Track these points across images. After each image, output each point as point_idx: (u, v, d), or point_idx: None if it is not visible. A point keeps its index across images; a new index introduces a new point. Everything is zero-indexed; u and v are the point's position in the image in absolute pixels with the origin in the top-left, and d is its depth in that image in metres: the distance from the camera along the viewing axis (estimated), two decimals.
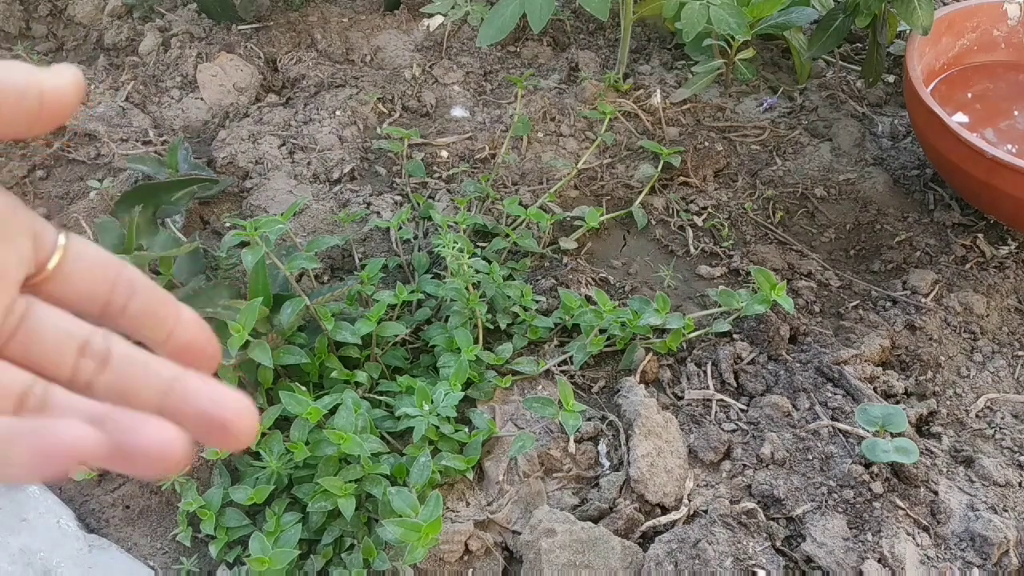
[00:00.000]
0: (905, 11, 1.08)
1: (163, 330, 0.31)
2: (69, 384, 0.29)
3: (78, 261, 0.30)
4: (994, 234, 1.11)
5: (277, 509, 0.80)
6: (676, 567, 0.74)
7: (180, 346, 0.31)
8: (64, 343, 0.29)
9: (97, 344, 0.29)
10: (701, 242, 1.13)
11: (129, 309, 0.30)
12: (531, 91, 1.31)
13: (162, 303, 0.31)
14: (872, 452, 0.80)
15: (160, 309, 0.31)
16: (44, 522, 0.83)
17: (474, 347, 0.89)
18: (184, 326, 0.31)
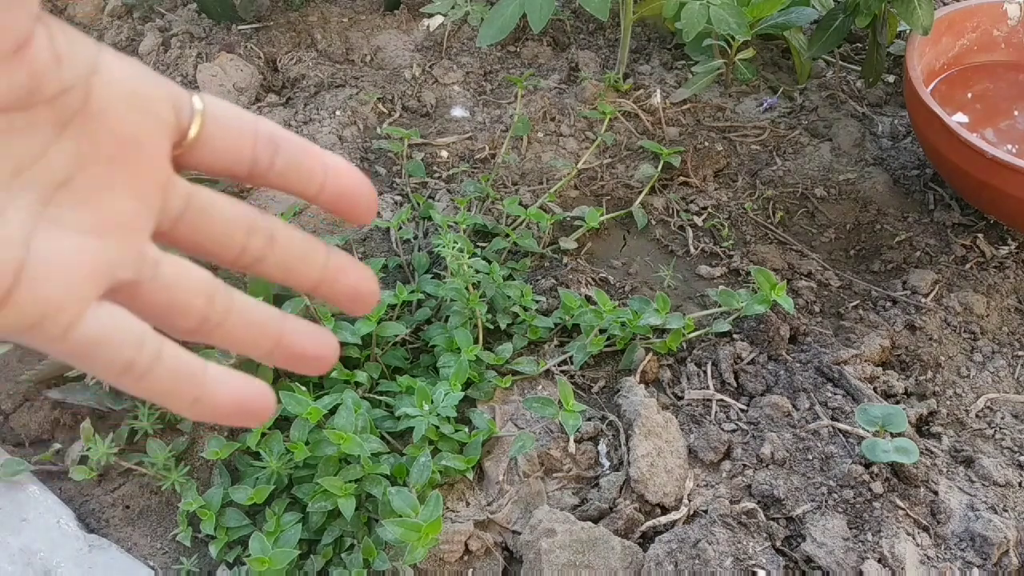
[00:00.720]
0: (905, 11, 1.08)
1: (314, 182, 0.30)
2: (236, 261, 0.29)
3: (217, 123, 0.28)
4: (994, 234, 1.11)
5: (277, 509, 0.80)
6: (676, 567, 0.74)
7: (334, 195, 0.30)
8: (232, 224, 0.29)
9: (262, 224, 0.29)
10: (701, 242, 1.13)
11: (276, 166, 0.29)
12: (531, 91, 1.31)
13: (308, 154, 0.30)
14: (872, 452, 0.80)
15: (307, 160, 0.30)
16: (44, 522, 0.83)
17: (474, 347, 0.89)
18: (334, 175, 0.30)
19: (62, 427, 0.93)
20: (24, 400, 0.94)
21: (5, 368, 0.96)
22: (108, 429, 0.91)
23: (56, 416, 0.93)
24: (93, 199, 0.26)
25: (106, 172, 0.26)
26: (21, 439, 0.92)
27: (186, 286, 0.28)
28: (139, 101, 0.27)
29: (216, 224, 0.29)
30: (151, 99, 0.27)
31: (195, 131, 0.28)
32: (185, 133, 0.28)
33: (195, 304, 0.28)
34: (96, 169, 0.26)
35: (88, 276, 0.25)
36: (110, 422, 0.92)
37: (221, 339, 0.29)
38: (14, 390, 0.94)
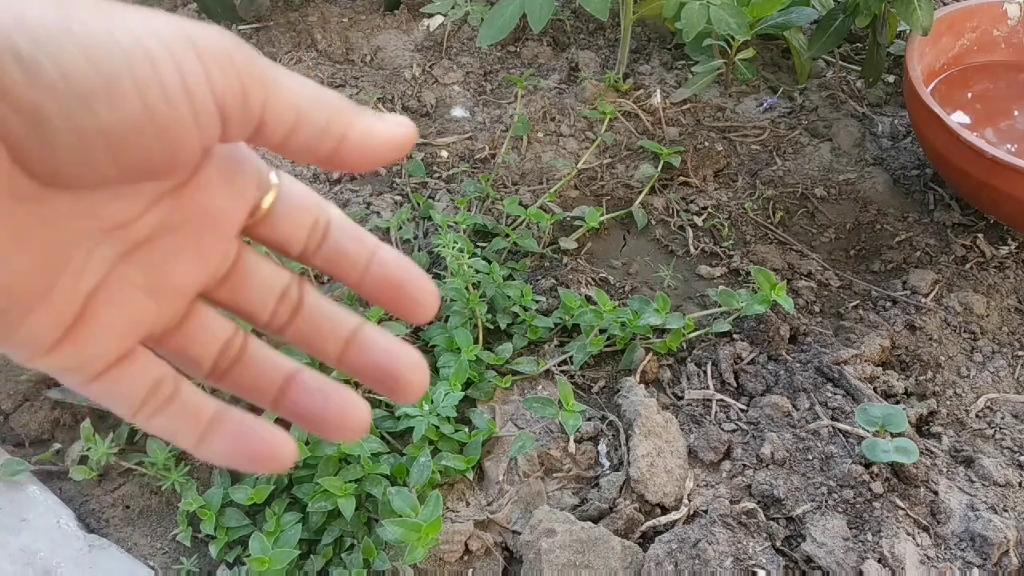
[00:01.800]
0: (905, 11, 1.08)
1: (356, 270, 0.30)
2: (265, 327, 0.30)
3: (288, 201, 0.29)
4: (994, 234, 1.11)
5: (277, 509, 0.80)
6: (676, 567, 0.74)
7: (376, 285, 0.30)
8: (268, 291, 0.30)
9: (292, 292, 0.30)
10: (701, 242, 1.13)
11: (323, 250, 0.30)
12: (531, 91, 1.31)
13: (360, 242, 0.30)
14: (872, 452, 0.80)
15: (356, 248, 0.30)
16: (44, 522, 0.83)
17: (474, 347, 0.89)
18: (380, 265, 0.30)
19: (62, 427, 0.93)
20: (24, 400, 0.94)
21: (5, 368, 0.97)
22: (108, 429, 0.91)
23: (56, 416, 0.93)
24: (162, 263, 0.27)
25: (182, 240, 0.27)
26: (21, 439, 0.92)
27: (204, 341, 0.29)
28: (233, 180, 0.28)
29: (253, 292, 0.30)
30: (243, 178, 0.28)
31: (267, 204, 0.29)
32: (258, 207, 0.29)
33: (208, 356, 0.29)
34: (175, 236, 0.27)
35: (130, 335, 0.27)
36: (110, 422, 0.92)
37: (229, 386, 0.30)
38: (14, 390, 0.94)
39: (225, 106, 0.24)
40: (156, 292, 0.27)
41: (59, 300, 0.25)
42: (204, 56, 0.23)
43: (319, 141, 0.26)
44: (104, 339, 0.26)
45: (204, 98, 0.23)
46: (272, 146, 0.26)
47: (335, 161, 0.27)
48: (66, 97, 0.21)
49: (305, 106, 0.26)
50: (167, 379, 0.28)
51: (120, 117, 0.22)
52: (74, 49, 0.21)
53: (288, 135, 0.26)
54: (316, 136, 0.26)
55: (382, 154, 0.28)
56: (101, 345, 0.26)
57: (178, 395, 0.28)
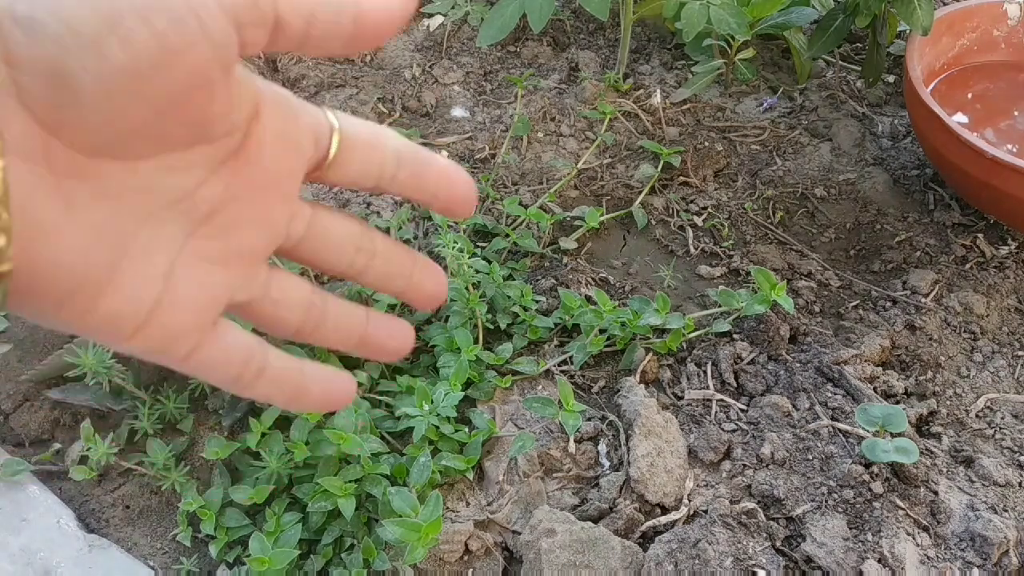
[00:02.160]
0: (905, 11, 1.08)
1: (429, 192, 0.32)
2: (345, 273, 0.32)
3: (353, 143, 0.30)
4: (994, 234, 1.11)
5: (277, 509, 0.80)
6: (676, 567, 0.74)
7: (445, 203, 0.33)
8: (344, 244, 0.31)
9: (366, 243, 0.32)
10: (701, 242, 1.13)
11: (398, 178, 0.31)
12: (531, 91, 1.31)
13: (426, 164, 0.32)
14: (872, 452, 0.80)
15: (425, 171, 0.32)
16: (44, 522, 0.83)
17: (474, 347, 0.89)
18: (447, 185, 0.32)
19: (62, 427, 0.93)
20: (24, 400, 0.94)
21: (5, 368, 0.96)
22: (108, 429, 0.91)
23: (56, 416, 0.93)
24: (229, 232, 0.27)
25: (245, 207, 0.28)
26: (21, 439, 0.92)
27: (288, 303, 0.30)
28: (288, 139, 0.28)
29: (331, 245, 0.31)
30: (298, 135, 0.28)
31: (333, 154, 0.29)
32: (324, 158, 0.29)
33: (294, 318, 0.31)
34: (237, 204, 0.27)
35: (212, 305, 0.28)
36: (110, 422, 0.92)
37: (316, 340, 0.32)
38: (14, 390, 0.94)
39: (236, 15, 0.23)
40: (226, 261, 0.28)
41: (136, 282, 0.25)
42: None
43: (338, 23, 0.26)
44: (183, 319, 0.26)
45: (212, 13, 0.22)
46: (295, 43, 0.26)
47: (357, 40, 0.27)
48: (75, 47, 0.21)
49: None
50: (255, 352, 0.29)
51: (133, 54, 0.21)
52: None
53: (308, 24, 0.25)
54: (334, 19, 0.26)
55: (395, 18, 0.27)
56: (182, 324, 0.27)
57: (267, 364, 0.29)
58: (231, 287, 0.28)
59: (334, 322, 0.32)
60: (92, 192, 0.23)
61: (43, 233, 0.22)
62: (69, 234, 0.23)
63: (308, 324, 0.31)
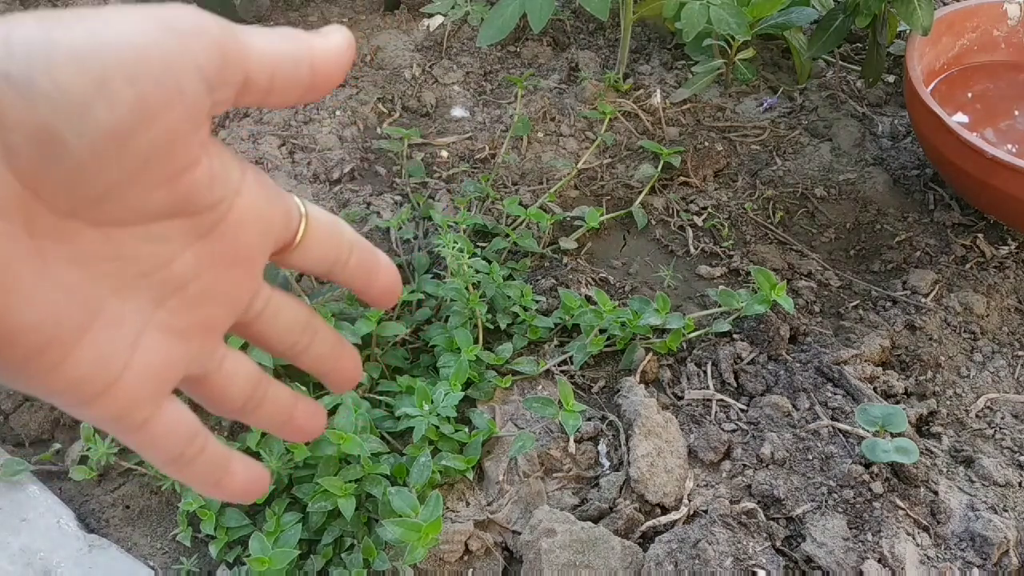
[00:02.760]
0: (905, 11, 1.08)
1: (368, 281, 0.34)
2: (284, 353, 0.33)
3: (317, 229, 0.31)
4: (994, 234, 1.11)
5: (277, 509, 0.80)
6: (676, 567, 0.74)
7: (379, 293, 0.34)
8: (293, 327, 0.33)
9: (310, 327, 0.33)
10: (701, 242, 1.13)
11: (349, 267, 0.33)
12: (531, 91, 1.31)
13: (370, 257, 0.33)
14: (872, 452, 0.80)
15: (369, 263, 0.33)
16: (44, 522, 0.83)
17: (474, 347, 0.89)
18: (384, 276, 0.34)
19: (62, 427, 0.93)
20: (24, 400, 0.94)
21: None
22: None
23: (56, 416, 0.93)
24: (196, 306, 0.28)
25: (214, 281, 0.28)
26: (21, 439, 0.92)
27: (238, 379, 0.31)
28: (264, 221, 0.29)
29: (282, 325, 0.32)
30: (274, 218, 0.29)
31: (299, 237, 0.31)
32: (290, 242, 0.31)
33: (241, 394, 0.32)
34: (208, 279, 0.28)
35: (171, 376, 0.28)
36: None
37: (254, 419, 0.33)
38: (14, 390, 0.94)
39: (208, 76, 0.24)
40: (189, 335, 0.28)
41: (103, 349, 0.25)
42: (182, 35, 0.23)
43: (297, 74, 0.27)
44: (142, 390, 0.27)
45: (188, 74, 0.23)
46: (259, 97, 0.27)
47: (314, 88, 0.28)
48: (65, 108, 0.21)
49: (278, 48, 0.26)
50: (199, 431, 0.30)
51: (118, 115, 0.22)
52: (62, 58, 0.21)
53: (270, 82, 0.26)
54: (293, 71, 0.27)
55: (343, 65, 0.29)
56: (142, 394, 0.27)
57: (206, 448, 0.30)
58: (190, 360, 0.29)
59: (272, 401, 0.33)
60: (67, 256, 0.24)
61: (17, 292, 0.23)
62: (41, 294, 0.23)
63: (252, 401, 0.32)
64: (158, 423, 0.28)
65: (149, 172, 0.24)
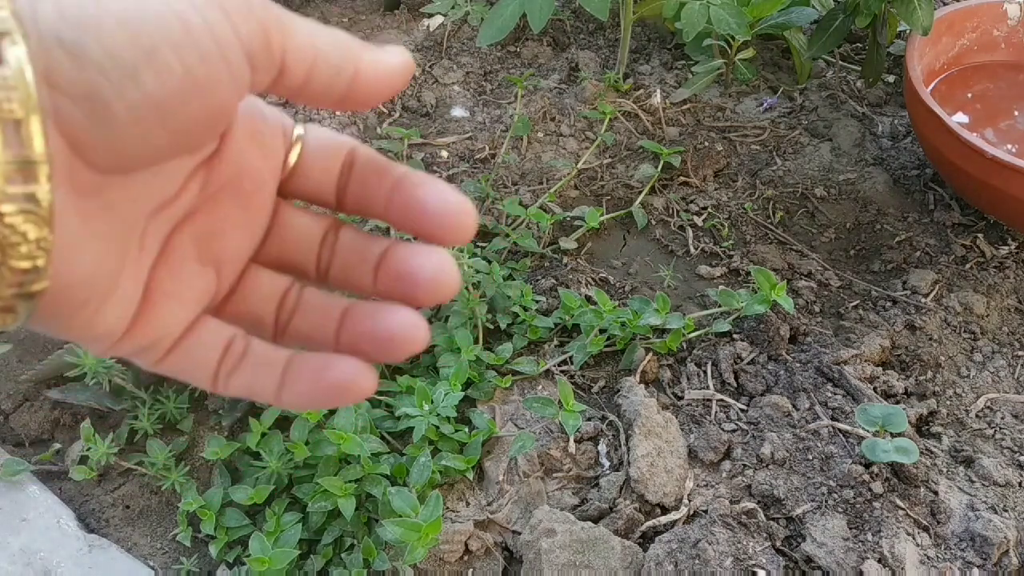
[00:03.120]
0: (905, 11, 1.08)
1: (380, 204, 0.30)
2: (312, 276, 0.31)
3: (315, 150, 0.30)
4: (994, 234, 1.11)
5: (277, 509, 0.80)
6: (676, 567, 0.74)
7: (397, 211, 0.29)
8: (310, 242, 0.31)
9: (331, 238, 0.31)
10: (701, 242, 1.13)
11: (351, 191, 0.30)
12: (531, 91, 1.31)
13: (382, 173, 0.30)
14: (872, 452, 0.80)
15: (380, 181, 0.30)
16: (44, 522, 0.83)
17: (474, 347, 0.89)
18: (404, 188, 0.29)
19: (62, 427, 0.93)
20: (24, 400, 0.94)
21: (5, 368, 0.96)
22: (108, 429, 0.91)
23: (56, 416, 0.93)
24: (211, 232, 0.28)
25: (226, 207, 0.28)
26: (21, 439, 0.92)
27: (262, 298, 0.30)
28: (261, 139, 0.28)
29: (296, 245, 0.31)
30: (269, 135, 0.29)
31: (294, 158, 0.29)
32: (285, 162, 0.29)
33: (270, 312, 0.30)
34: (216, 204, 0.28)
35: (194, 305, 0.28)
36: (110, 422, 0.92)
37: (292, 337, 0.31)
38: (14, 390, 0.94)
39: (252, 54, 0.24)
40: (211, 260, 0.28)
41: (125, 285, 0.26)
42: (229, 10, 0.24)
43: (335, 79, 0.27)
44: (170, 315, 0.27)
45: (235, 51, 0.24)
46: (292, 90, 0.27)
47: (350, 98, 0.27)
48: (115, 75, 0.22)
49: (321, 45, 0.26)
50: (236, 339, 0.29)
51: (166, 84, 0.23)
52: (113, 26, 0.22)
53: (307, 77, 0.26)
54: (333, 75, 0.27)
55: (390, 85, 0.28)
56: (169, 321, 0.27)
57: (249, 352, 0.29)
58: (212, 288, 0.29)
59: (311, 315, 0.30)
60: (98, 206, 0.24)
61: (70, 250, 0.23)
62: (87, 249, 0.24)
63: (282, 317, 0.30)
64: (187, 347, 0.28)
65: (189, 139, 0.24)
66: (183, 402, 0.90)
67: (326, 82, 0.27)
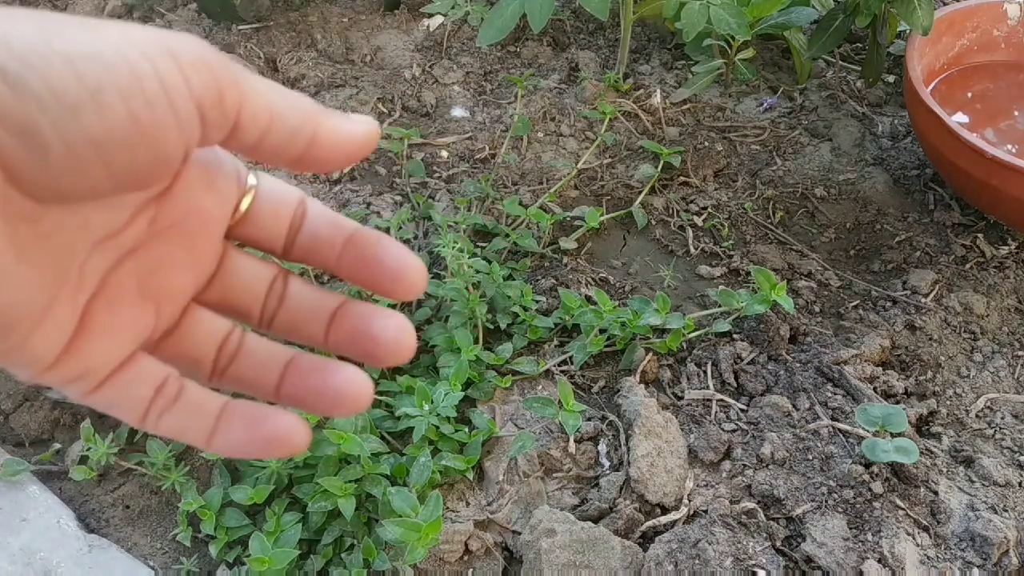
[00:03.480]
0: (905, 11, 1.08)
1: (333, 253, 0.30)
2: (256, 323, 0.31)
3: (267, 200, 0.30)
4: (994, 234, 1.11)
5: (277, 509, 0.80)
6: (676, 567, 0.74)
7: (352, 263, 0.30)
8: (256, 287, 0.31)
9: (278, 285, 0.31)
10: (701, 242, 1.13)
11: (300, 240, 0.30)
12: (531, 91, 1.31)
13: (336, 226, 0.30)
14: (872, 452, 0.80)
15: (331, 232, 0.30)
16: (44, 522, 0.83)
17: (474, 347, 0.89)
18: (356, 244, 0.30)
19: (62, 427, 0.93)
20: (24, 400, 0.94)
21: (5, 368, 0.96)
22: (108, 429, 0.91)
23: (56, 416, 0.93)
24: (154, 269, 0.28)
25: (172, 245, 0.28)
26: (21, 439, 0.92)
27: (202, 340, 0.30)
28: (213, 181, 0.28)
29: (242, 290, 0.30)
30: (222, 179, 0.29)
31: (246, 205, 0.29)
32: (237, 208, 0.29)
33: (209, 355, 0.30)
34: (164, 241, 0.28)
35: (129, 340, 0.28)
36: (110, 422, 0.92)
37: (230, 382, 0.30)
38: (14, 390, 0.94)
39: (203, 108, 0.24)
40: (151, 297, 0.28)
41: (58, 313, 0.25)
42: (182, 62, 0.24)
43: (291, 141, 0.27)
44: (105, 347, 0.27)
45: (184, 102, 0.24)
46: (246, 148, 0.27)
47: (306, 161, 0.27)
48: (55, 111, 0.22)
49: (278, 107, 0.26)
50: (171, 379, 0.29)
51: (107, 125, 0.23)
52: (59, 64, 0.22)
53: (262, 136, 0.26)
54: (288, 136, 0.27)
55: (349, 153, 0.28)
56: (102, 353, 0.27)
57: (184, 393, 0.29)
58: (151, 325, 0.28)
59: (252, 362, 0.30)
60: (38, 234, 0.24)
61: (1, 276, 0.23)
62: (18, 276, 0.24)
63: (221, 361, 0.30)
64: (119, 382, 0.28)
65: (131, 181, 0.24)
66: None
67: (282, 143, 0.27)
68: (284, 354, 0.30)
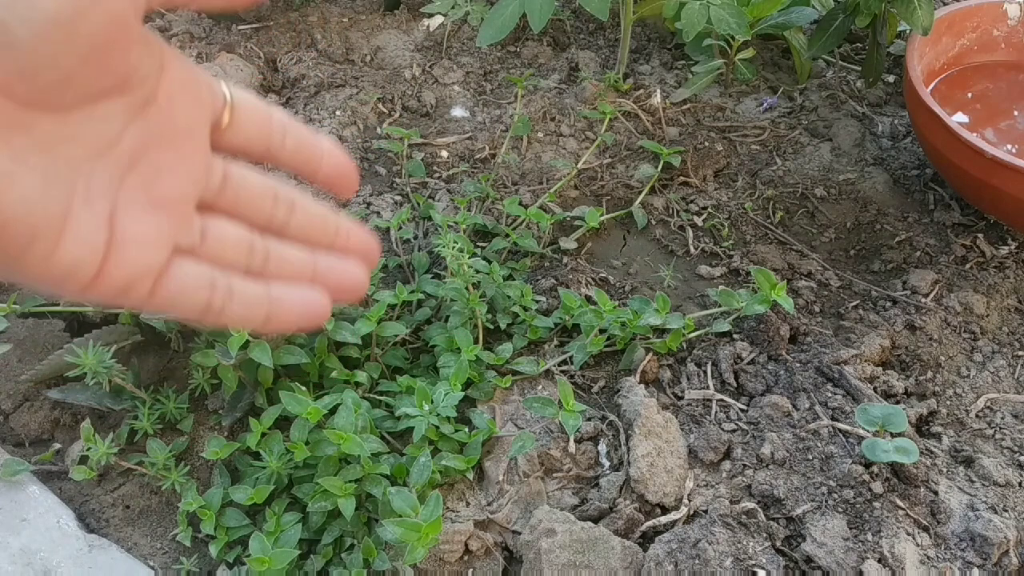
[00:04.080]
0: (905, 11, 1.08)
1: (314, 164, 0.35)
2: (268, 226, 0.34)
3: (243, 110, 0.33)
4: (994, 234, 1.11)
5: (277, 509, 0.80)
6: (676, 567, 0.74)
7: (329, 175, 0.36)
8: (262, 194, 0.34)
9: (284, 192, 0.35)
10: (701, 242, 1.13)
11: (286, 148, 0.34)
12: (531, 91, 1.31)
13: (309, 139, 0.35)
14: (872, 452, 0.80)
15: (309, 145, 0.35)
16: (44, 522, 0.83)
17: (474, 347, 0.89)
18: (329, 157, 0.36)
19: (62, 427, 0.93)
20: (24, 400, 0.94)
21: (5, 368, 0.96)
22: (108, 429, 0.91)
23: (56, 416, 0.93)
24: (154, 179, 0.30)
25: (165, 155, 0.30)
26: (21, 439, 0.92)
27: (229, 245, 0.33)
28: (192, 92, 0.30)
29: (248, 195, 0.33)
30: (201, 90, 0.31)
31: (227, 118, 0.32)
32: (219, 119, 0.32)
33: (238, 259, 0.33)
34: (157, 153, 0.30)
35: (158, 246, 0.30)
36: (110, 422, 0.92)
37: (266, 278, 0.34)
38: (14, 390, 0.94)
39: None
40: (159, 207, 0.30)
41: (84, 227, 0.27)
42: None
43: None
44: (138, 255, 0.29)
45: None
46: None
47: None
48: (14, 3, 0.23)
49: None
50: (218, 279, 0.31)
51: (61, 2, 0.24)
52: None
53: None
54: None
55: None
56: (139, 262, 0.29)
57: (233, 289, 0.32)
58: (171, 231, 0.30)
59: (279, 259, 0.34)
60: (31, 143, 0.25)
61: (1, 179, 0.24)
62: (21, 182, 0.25)
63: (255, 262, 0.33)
64: (169, 284, 0.30)
65: (97, 56, 0.25)
66: (183, 402, 0.90)
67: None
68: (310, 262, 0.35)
